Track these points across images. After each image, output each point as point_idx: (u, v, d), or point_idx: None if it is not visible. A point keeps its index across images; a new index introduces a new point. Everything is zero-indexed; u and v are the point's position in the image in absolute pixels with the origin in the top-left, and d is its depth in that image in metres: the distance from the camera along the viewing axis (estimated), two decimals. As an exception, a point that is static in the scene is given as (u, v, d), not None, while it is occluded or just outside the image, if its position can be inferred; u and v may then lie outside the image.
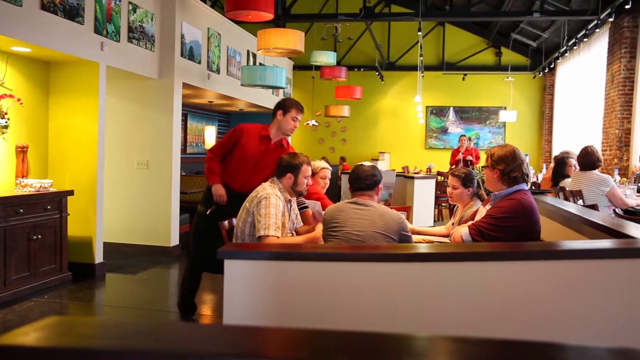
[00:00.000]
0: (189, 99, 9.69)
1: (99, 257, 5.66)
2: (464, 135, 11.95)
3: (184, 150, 11.13)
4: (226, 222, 3.52)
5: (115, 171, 6.69)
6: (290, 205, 3.42)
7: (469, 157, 11.04)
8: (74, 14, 5.04)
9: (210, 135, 12.03)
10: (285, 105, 3.95)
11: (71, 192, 5.26)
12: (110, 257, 6.10)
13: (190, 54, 7.10)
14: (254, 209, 3.20)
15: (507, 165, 2.87)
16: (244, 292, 2.22)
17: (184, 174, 8.57)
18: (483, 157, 10.53)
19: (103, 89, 5.57)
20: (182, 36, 6.87)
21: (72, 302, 4.82)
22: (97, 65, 5.47)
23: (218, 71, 8.12)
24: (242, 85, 7.51)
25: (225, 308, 2.21)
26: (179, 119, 6.87)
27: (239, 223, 3.31)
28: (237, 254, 2.30)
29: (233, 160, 3.98)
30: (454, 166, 11.09)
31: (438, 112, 14.24)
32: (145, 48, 6.30)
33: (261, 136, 3.96)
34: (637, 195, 5.62)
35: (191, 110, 11.60)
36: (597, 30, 9.15)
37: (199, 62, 7.42)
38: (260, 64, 9.27)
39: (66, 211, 5.20)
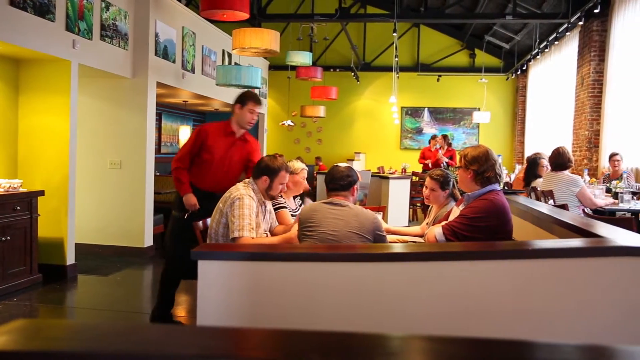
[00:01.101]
0: (163, 98, 9.59)
1: (70, 259, 5.55)
2: (446, 135, 10.88)
3: (158, 150, 10.99)
4: (200, 223, 3.50)
5: (88, 171, 6.58)
6: (265, 206, 3.41)
7: (445, 159, 10.11)
8: (44, 10, 4.94)
9: (185, 135, 11.93)
10: (242, 99, 4.01)
11: (42, 193, 5.16)
12: (82, 258, 5.99)
13: (164, 53, 7.02)
14: (227, 210, 3.18)
15: (481, 165, 2.90)
16: (218, 293, 2.20)
17: (158, 174, 8.46)
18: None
19: (75, 88, 5.47)
20: (156, 35, 6.79)
21: (43, 304, 4.72)
22: (69, 63, 5.38)
23: (193, 70, 8.05)
24: (217, 84, 7.46)
25: (199, 309, 2.20)
26: (153, 119, 6.80)
27: (213, 224, 3.29)
28: (211, 254, 2.28)
29: (202, 162, 3.98)
30: (422, 165, 10.90)
31: (413, 112, 14.35)
32: (119, 46, 6.21)
33: (226, 132, 4.02)
34: (606, 196, 5.76)
35: (165, 110, 11.48)
36: (568, 33, 9.33)
37: (174, 61, 7.35)
38: (235, 63, 9.22)
39: (36, 212, 5.09)
